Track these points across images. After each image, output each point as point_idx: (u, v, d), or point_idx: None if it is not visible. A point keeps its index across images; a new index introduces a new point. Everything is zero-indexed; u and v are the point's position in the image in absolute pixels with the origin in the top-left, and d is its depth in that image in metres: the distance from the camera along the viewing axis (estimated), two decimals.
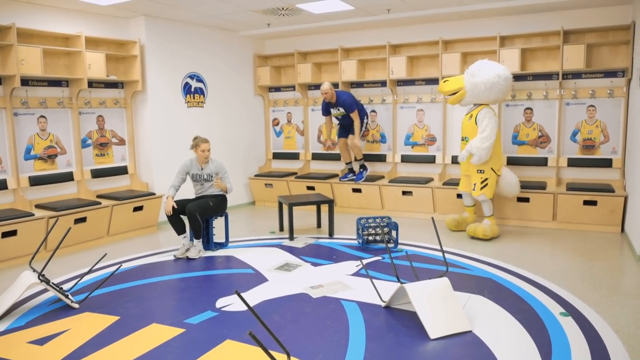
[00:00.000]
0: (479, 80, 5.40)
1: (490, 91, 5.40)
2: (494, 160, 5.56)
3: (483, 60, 5.59)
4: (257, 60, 8.07)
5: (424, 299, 3.33)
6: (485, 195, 5.57)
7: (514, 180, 5.77)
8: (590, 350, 3.00)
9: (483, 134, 5.38)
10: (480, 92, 5.44)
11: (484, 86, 5.38)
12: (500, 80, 5.38)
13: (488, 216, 5.68)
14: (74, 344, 3.18)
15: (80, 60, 5.64)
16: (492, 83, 5.36)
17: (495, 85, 5.38)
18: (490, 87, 5.38)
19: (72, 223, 5.29)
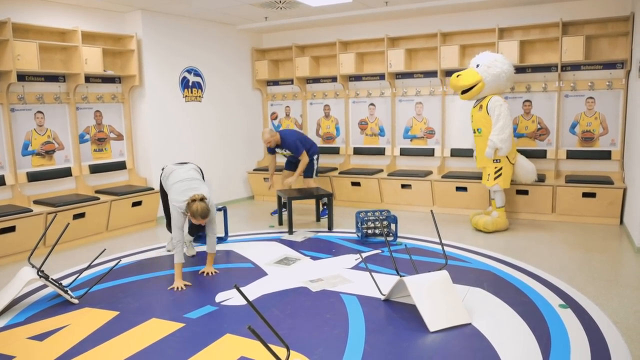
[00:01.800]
0: (499, 70, 5.41)
1: (508, 80, 5.52)
2: (509, 150, 5.51)
3: (488, 53, 5.59)
4: (255, 54, 8.04)
5: (423, 292, 3.33)
6: (499, 185, 5.54)
7: (530, 167, 5.72)
8: (589, 342, 3.01)
9: (498, 124, 5.35)
10: (501, 83, 5.47)
11: (506, 76, 5.45)
12: (512, 69, 5.57)
13: (499, 207, 5.66)
14: (73, 340, 3.18)
15: (77, 55, 5.61)
16: (510, 72, 5.50)
17: (512, 75, 5.55)
18: (508, 77, 5.50)
19: (71, 219, 5.28)
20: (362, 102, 7.54)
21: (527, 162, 5.78)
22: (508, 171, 5.58)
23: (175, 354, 2.97)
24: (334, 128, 7.81)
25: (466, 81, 5.54)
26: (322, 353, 2.93)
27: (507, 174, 5.57)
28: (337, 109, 7.75)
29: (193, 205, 3.97)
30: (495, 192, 5.64)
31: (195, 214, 3.96)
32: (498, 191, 5.62)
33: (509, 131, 5.38)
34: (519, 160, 5.72)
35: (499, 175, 5.53)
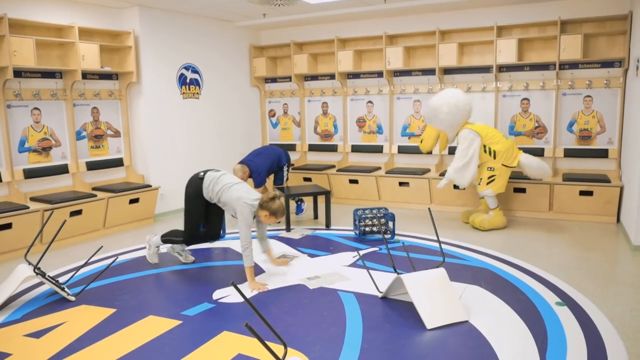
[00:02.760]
0: (447, 110, 5.48)
1: (465, 107, 5.51)
2: (505, 156, 5.49)
3: (431, 102, 5.69)
4: (253, 51, 8.02)
5: (420, 290, 3.33)
6: (491, 190, 5.55)
7: (536, 163, 5.51)
8: (585, 339, 3.01)
9: (456, 154, 5.57)
10: (459, 116, 5.52)
11: (457, 107, 5.47)
12: (458, 96, 5.53)
13: (492, 209, 5.67)
14: (70, 337, 3.18)
15: (74, 51, 5.58)
16: (458, 100, 5.48)
17: (462, 100, 5.51)
18: (460, 106, 5.48)
19: (68, 216, 5.27)
20: (360, 100, 7.54)
21: (534, 161, 5.54)
22: (503, 176, 5.56)
23: (172, 352, 2.97)
24: (332, 125, 7.81)
25: (430, 142, 5.90)
26: (319, 350, 2.93)
27: (502, 179, 5.56)
28: (335, 107, 7.74)
29: (275, 203, 3.99)
30: (487, 196, 5.64)
31: (277, 212, 3.99)
32: (490, 196, 5.62)
33: (464, 162, 5.43)
34: (524, 161, 5.52)
35: (492, 181, 5.54)
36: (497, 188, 5.56)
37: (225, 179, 4.20)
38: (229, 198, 4.08)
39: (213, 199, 4.21)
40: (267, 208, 3.98)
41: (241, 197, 4.00)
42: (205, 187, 4.21)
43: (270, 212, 3.98)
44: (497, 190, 5.57)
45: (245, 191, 4.07)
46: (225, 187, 4.13)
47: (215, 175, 4.25)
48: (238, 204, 3.99)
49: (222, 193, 4.13)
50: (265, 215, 4.01)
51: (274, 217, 4.01)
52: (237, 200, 4.01)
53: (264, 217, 4.02)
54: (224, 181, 4.18)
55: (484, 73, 6.64)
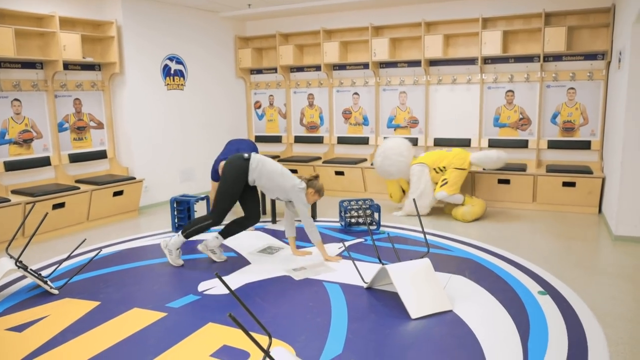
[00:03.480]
0: (390, 162, 5.93)
1: (400, 155, 5.91)
2: (454, 162, 5.74)
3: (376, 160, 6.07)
4: (238, 42, 7.96)
5: (405, 280, 3.35)
6: (445, 192, 5.69)
7: (486, 157, 5.71)
8: (566, 327, 3.06)
9: (412, 187, 5.89)
10: (403, 161, 5.92)
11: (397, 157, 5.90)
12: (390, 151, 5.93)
13: (461, 204, 5.75)
14: (53, 330, 3.15)
15: (55, 41, 5.49)
16: (391, 156, 5.92)
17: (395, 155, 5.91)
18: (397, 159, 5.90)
19: (50, 208, 5.20)
20: (346, 92, 7.53)
21: (481, 155, 5.74)
22: (456, 178, 5.72)
23: (157, 344, 2.95)
24: (317, 117, 7.79)
25: (396, 193, 6.23)
26: (304, 341, 2.94)
27: (455, 181, 5.71)
28: (321, 98, 7.73)
29: (318, 183, 4.31)
30: (444, 199, 5.76)
31: (322, 190, 4.34)
32: (446, 198, 5.72)
33: (419, 194, 5.79)
34: (474, 160, 5.76)
35: (445, 184, 5.71)
36: (451, 190, 5.70)
37: (272, 165, 4.29)
38: (281, 186, 4.22)
39: (256, 181, 4.25)
40: (313, 186, 4.29)
41: (295, 185, 4.22)
42: (252, 169, 4.20)
43: (316, 189, 4.30)
44: (452, 192, 5.70)
45: (292, 177, 4.29)
46: (274, 172, 4.24)
47: (260, 158, 4.29)
48: (294, 191, 4.21)
49: (272, 177, 4.21)
50: (311, 192, 4.29)
51: (318, 194, 4.33)
52: (292, 188, 4.22)
53: (311, 195, 4.29)
54: (270, 166, 4.25)
55: (469, 65, 6.67)
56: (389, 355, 2.78)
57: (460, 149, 5.95)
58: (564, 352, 2.77)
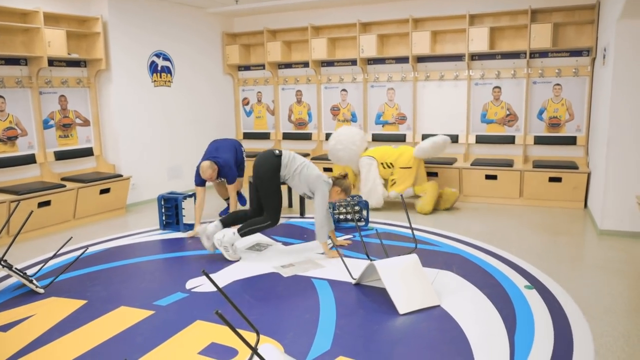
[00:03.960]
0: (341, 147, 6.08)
1: (352, 143, 6.06)
2: (399, 161, 5.91)
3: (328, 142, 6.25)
4: (226, 38, 7.92)
5: (393, 276, 3.36)
6: (395, 192, 5.90)
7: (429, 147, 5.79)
8: (552, 321, 3.09)
9: (361, 183, 6.02)
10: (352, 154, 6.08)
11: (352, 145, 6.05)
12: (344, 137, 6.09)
13: (415, 196, 5.97)
14: (39, 330, 3.12)
15: (39, 37, 5.42)
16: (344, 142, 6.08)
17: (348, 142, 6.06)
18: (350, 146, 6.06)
19: (36, 207, 5.14)
20: (334, 88, 7.53)
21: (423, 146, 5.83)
22: (405, 177, 5.90)
23: (144, 342, 2.94)
24: (306, 114, 7.79)
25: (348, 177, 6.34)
26: (293, 337, 2.94)
27: (404, 179, 5.91)
28: (309, 95, 7.72)
29: (347, 181, 4.23)
30: (396, 197, 5.98)
31: (348, 189, 4.23)
32: (397, 195, 5.92)
33: (369, 186, 5.91)
34: (417, 154, 5.87)
35: (394, 184, 5.92)
36: (400, 189, 5.88)
37: (299, 159, 4.28)
38: (307, 177, 4.18)
39: (286, 176, 4.26)
40: (340, 184, 4.19)
41: (320, 176, 4.18)
42: (284, 166, 4.22)
43: (342, 188, 4.19)
44: (402, 190, 5.88)
45: (316, 171, 4.24)
46: (302, 165, 4.21)
47: (290, 154, 4.31)
48: (319, 182, 4.13)
49: (299, 171, 4.20)
50: (337, 191, 4.19)
51: (344, 193, 4.23)
52: (317, 178, 4.15)
53: (336, 194, 4.18)
54: (298, 160, 4.25)
55: (457, 61, 6.69)
56: (377, 350, 2.79)
57: (405, 147, 6.08)
58: (550, 346, 2.80)
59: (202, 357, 2.75)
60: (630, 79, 4.67)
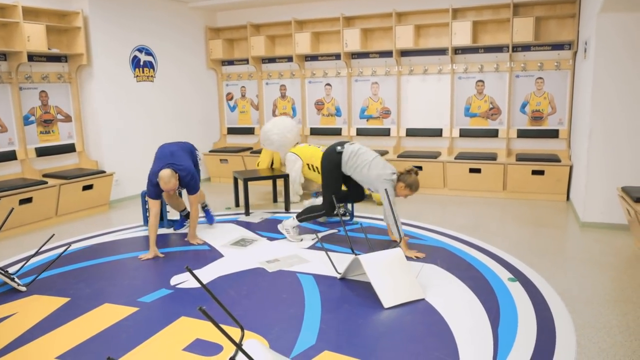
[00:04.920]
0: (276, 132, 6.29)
1: (288, 131, 6.31)
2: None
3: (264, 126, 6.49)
4: (209, 32, 7.86)
5: (378, 270, 3.38)
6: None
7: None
8: (535, 312, 3.13)
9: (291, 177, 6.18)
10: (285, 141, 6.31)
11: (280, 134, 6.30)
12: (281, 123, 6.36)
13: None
14: (21, 328, 3.08)
15: (18, 32, 5.32)
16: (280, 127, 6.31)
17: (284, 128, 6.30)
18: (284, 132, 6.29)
19: (17, 204, 5.07)
20: (318, 82, 7.51)
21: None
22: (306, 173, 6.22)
23: (129, 339, 2.92)
24: (290, 108, 7.76)
25: (266, 162, 6.58)
26: (278, 332, 2.94)
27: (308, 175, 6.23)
28: (293, 89, 7.70)
29: (411, 176, 4.08)
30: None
31: (413, 185, 4.08)
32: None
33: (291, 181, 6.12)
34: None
35: None
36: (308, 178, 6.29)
37: (365, 155, 4.23)
38: (367, 177, 4.17)
39: (348, 172, 4.29)
40: (404, 180, 4.09)
41: (380, 175, 4.09)
42: (344, 163, 4.28)
43: (407, 183, 4.08)
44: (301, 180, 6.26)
45: (381, 167, 4.16)
46: (364, 165, 4.19)
47: (354, 150, 4.28)
48: (379, 181, 4.08)
49: (360, 170, 4.20)
50: (401, 187, 4.10)
51: (409, 189, 4.10)
52: (377, 178, 4.10)
53: (400, 190, 4.10)
54: (363, 157, 4.21)
55: (440, 55, 6.72)
56: (362, 344, 2.80)
57: None
58: (532, 337, 2.84)
59: (187, 353, 2.74)
60: (611, 72, 4.73)
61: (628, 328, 2.96)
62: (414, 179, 4.12)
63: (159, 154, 4.58)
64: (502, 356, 2.65)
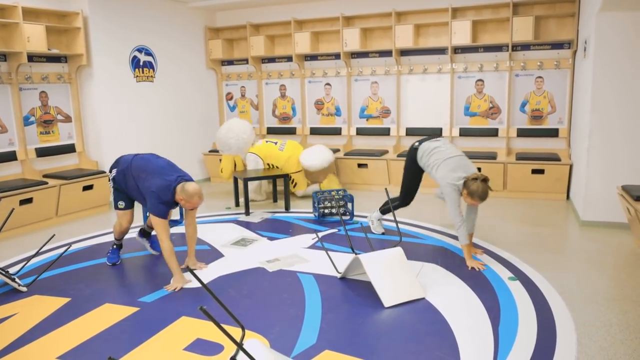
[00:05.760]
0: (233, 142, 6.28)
1: (243, 133, 6.33)
2: (287, 166, 6.24)
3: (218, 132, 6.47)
4: (209, 32, 7.86)
5: (378, 269, 3.38)
6: (301, 191, 6.45)
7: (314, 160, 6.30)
8: (536, 311, 3.14)
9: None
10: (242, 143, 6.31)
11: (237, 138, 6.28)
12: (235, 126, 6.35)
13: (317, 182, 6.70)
14: (23, 328, 3.09)
15: (18, 32, 5.33)
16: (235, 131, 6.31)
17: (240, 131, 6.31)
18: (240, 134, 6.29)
19: (17, 204, 5.07)
20: (318, 82, 7.51)
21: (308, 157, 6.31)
22: (299, 178, 6.38)
23: (129, 339, 2.92)
24: (290, 108, 7.76)
25: (228, 169, 6.63)
26: (278, 332, 2.95)
27: (300, 181, 6.40)
28: (293, 89, 7.70)
29: (473, 185, 3.72)
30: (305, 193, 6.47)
31: (474, 194, 3.73)
32: (305, 192, 6.46)
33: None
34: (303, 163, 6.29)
35: (295, 185, 6.40)
36: (302, 188, 6.45)
37: (439, 154, 4.03)
38: (434, 177, 4.06)
39: (425, 170, 4.23)
40: (467, 187, 3.78)
41: (444, 177, 3.88)
42: (419, 159, 4.21)
43: (468, 191, 3.77)
44: (302, 188, 6.44)
45: (450, 169, 3.88)
46: (434, 164, 4.03)
47: (429, 147, 4.15)
48: (443, 183, 3.91)
49: (430, 169, 4.10)
50: (465, 194, 3.81)
51: (470, 197, 3.78)
52: (441, 180, 3.93)
53: (465, 197, 3.84)
54: (436, 156, 4.04)
55: (440, 54, 6.72)
56: (363, 344, 2.80)
57: (292, 151, 6.33)
58: (533, 336, 2.84)
59: (188, 353, 2.75)
60: (611, 71, 4.73)
61: (628, 327, 2.96)
62: (477, 186, 3.72)
63: (154, 166, 3.80)
64: (502, 355, 2.65)
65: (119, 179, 3.92)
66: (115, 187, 3.99)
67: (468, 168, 3.91)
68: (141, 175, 3.78)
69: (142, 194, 3.79)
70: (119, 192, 3.99)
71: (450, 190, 3.85)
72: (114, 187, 4.00)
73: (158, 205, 3.64)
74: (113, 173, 3.97)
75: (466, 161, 4.00)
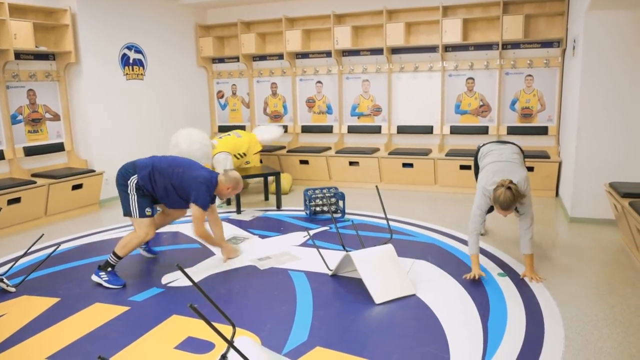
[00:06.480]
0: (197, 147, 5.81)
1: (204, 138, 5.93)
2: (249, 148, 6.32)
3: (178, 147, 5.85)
4: (199, 30, 7.83)
5: (369, 266, 3.39)
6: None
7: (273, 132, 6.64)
8: (524, 307, 3.17)
9: None
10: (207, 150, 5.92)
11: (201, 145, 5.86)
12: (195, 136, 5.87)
13: None
14: (12, 328, 3.06)
15: (5, 29, 5.27)
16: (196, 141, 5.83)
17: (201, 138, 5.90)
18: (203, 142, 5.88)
19: (5, 204, 5.03)
20: (309, 80, 7.51)
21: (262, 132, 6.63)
22: (256, 160, 6.52)
23: (120, 338, 2.91)
24: (281, 106, 7.76)
25: None
26: (270, 329, 2.95)
27: (257, 161, 6.56)
28: (284, 87, 7.69)
29: (497, 191, 3.39)
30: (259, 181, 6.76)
31: (495, 202, 3.41)
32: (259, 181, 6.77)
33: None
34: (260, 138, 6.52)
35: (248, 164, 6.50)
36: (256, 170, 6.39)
37: (489, 158, 3.83)
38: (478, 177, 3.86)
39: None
40: (491, 194, 3.51)
41: (480, 180, 3.70)
42: (480, 159, 4.03)
43: (492, 198, 3.47)
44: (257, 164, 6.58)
45: (491, 173, 3.62)
46: (483, 166, 3.84)
47: (488, 149, 3.96)
48: (478, 186, 3.70)
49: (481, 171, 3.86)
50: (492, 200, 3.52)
51: (494, 205, 3.50)
52: (478, 184, 3.73)
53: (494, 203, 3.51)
54: (486, 160, 3.85)
55: (431, 53, 6.74)
56: (353, 340, 2.81)
57: (248, 134, 6.45)
58: (522, 331, 2.87)
59: (179, 351, 2.74)
60: (599, 69, 4.78)
61: (614, 321, 3.00)
62: (499, 193, 3.38)
63: (185, 161, 3.92)
64: (491, 349, 2.67)
65: (144, 183, 3.70)
66: (140, 194, 3.72)
67: (510, 174, 3.54)
68: (177, 170, 3.77)
69: (177, 190, 3.77)
70: (144, 198, 3.75)
71: (479, 193, 3.66)
72: (137, 195, 3.72)
73: (206, 196, 3.77)
74: (134, 180, 3.70)
75: (513, 167, 3.65)
